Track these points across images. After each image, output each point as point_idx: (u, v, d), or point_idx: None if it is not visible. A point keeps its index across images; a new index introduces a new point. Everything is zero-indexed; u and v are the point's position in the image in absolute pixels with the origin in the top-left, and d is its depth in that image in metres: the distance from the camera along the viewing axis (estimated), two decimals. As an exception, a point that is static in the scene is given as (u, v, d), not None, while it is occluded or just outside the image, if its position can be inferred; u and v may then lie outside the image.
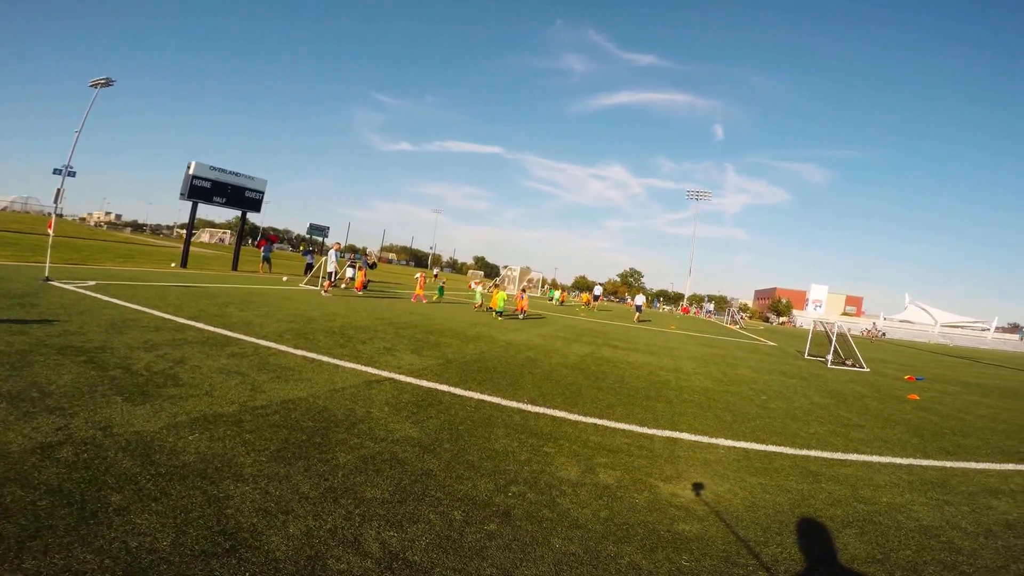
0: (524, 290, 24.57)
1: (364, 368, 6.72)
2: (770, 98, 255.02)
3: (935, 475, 5.17)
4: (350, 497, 3.13)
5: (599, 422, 5.63)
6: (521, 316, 19.04)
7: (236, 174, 25.21)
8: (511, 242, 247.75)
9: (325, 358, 7.01)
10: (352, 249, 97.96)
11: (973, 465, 5.68)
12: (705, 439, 5.50)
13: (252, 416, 4.34)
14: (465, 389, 6.29)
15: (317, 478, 3.33)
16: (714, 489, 4.05)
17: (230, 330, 8.19)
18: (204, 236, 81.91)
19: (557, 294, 44.33)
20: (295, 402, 4.89)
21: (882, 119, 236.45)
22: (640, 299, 32.40)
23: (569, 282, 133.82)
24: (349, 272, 21.74)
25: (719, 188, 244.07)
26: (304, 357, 6.91)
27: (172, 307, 9.89)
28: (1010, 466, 5.77)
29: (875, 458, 5.51)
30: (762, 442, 5.65)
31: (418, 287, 21.71)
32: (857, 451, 5.71)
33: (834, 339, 15.86)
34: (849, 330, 19.12)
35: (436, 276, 22.69)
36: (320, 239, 53.16)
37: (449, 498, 3.30)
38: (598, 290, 40.64)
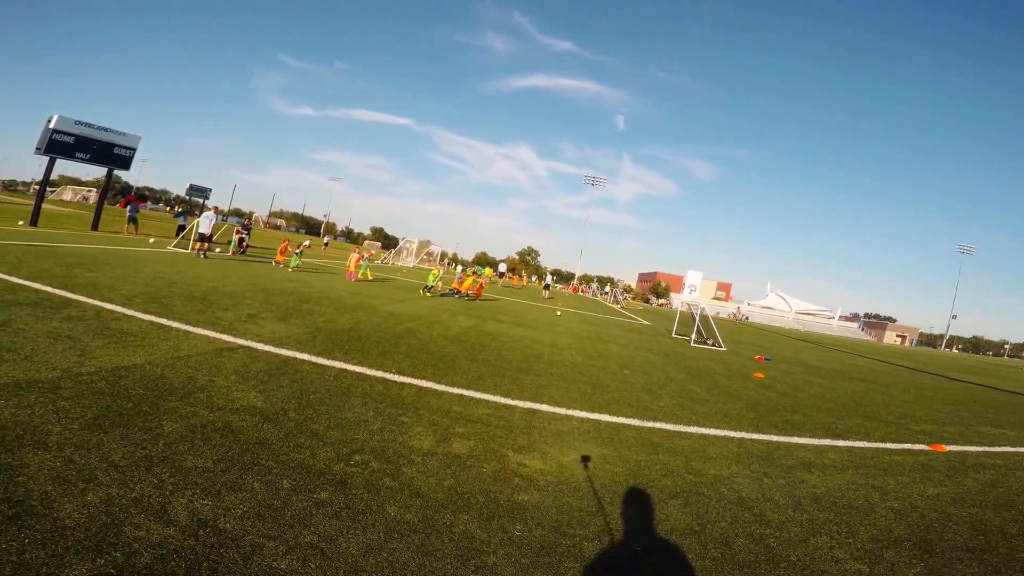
0: (475, 272, 24.61)
1: (219, 335, 6.30)
2: (671, 94, 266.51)
3: (761, 448, 5.48)
4: (167, 466, 2.94)
5: (466, 393, 5.65)
6: (464, 298, 19.29)
7: (105, 129, 22.65)
8: (413, 215, 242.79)
9: (176, 324, 6.50)
10: (237, 213, 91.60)
11: (796, 440, 6.06)
12: (563, 411, 5.66)
13: (73, 383, 3.95)
14: (328, 358, 6.08)
15: (133, 447, 3.10)
16: (559, 459, 4.16)
17: (72, 292, 7.41)
18: (67, 194, 72.73)
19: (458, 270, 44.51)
20: (128, 369, 4.50)
21: (763, 123, 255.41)
22: (548, 279, 39.75)
23: (470, 258, 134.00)
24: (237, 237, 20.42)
25: (615, 176, 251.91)
26: (152, 323, 6.37)
27: (8, 266, 8.82)
28: (826, 441, 6.20)
29: (712, 431, 5.88)
30: (614, 414, 5.90)
31: (279, 254, 20.26)
32: (698, 424, 6.08)
33: (697, 320, 17.13)
34: (717, 313, 20.81)
35: (308, 245, 21.64)
36: (201, 200, 49.27)
37: (281, 467, 3.18)
38: (502, 267, 43.87)
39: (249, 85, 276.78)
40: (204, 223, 18.45)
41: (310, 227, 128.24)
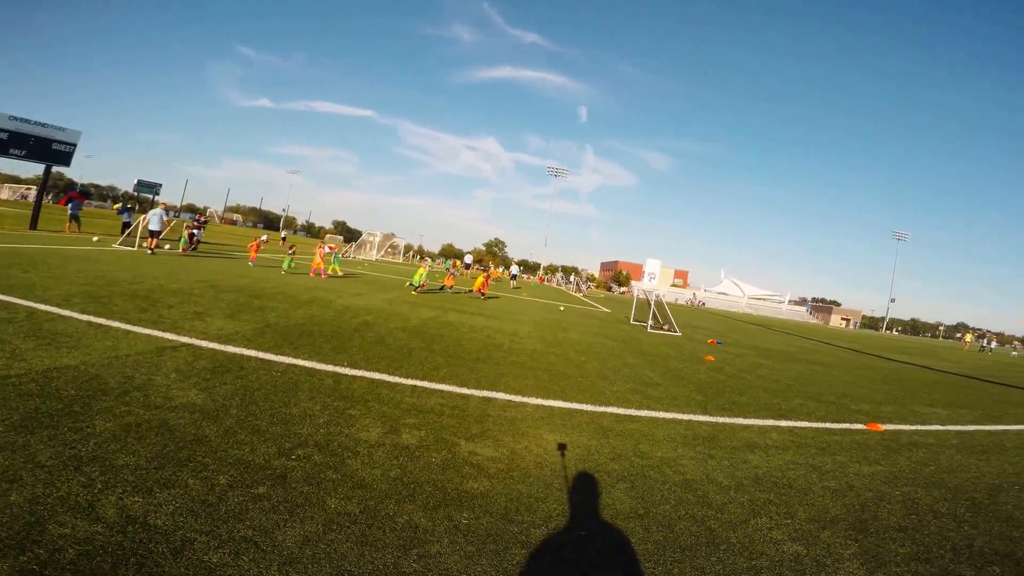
0: (482, 269, 24.66)
1: (161, 334, 6.10)
2: (633, 88, 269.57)
3: (708, 430, 5.59)
4: (97, 465, 2.88)
5: (420, 384, 5.63)
6: (481, 297, 19.22)
7: (43, 125, 21.58)
8: (377, 208, 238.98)
9: (116, 323, 6.26)
10: (191, 209, 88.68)
11: (741, 421, 6.20)
12: (518, 398, 5.70)
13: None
14: (277, 354, 5.97)
15: (62, 447, 3.01)
16: (512, 447, 4.19)
17: (3, 294, 7.05)
18: (3, 192, 68.98)
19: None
20: (61, 370, 4.32)
21: (715, 118, 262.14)
22: (515, 268, 42.06)
23: (436, 250, 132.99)
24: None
25: (578, 167, 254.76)
26: (90, 323, 6.12)
27: (-71, 267, 8.28)
28: (770, 422, 6.36)
29: (662, 414, 5.99)
30: (569, 400, 5.97)
31: (252, 251, 19.57)
32: (649, 408, 6.19)
33: (653, 306, 17.47)
34: (676, 300, 21.32)
35: (266, 240, 21.08)
36: (151, 196, 47.51)
37: (218, 463, 3.13)
38: (468, 259, 44.40)
39: (202, 77, 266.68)
40: (153, 220, 18.06)
41: (268, 221, 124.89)
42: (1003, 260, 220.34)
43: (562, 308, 22.05)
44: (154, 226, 17.96)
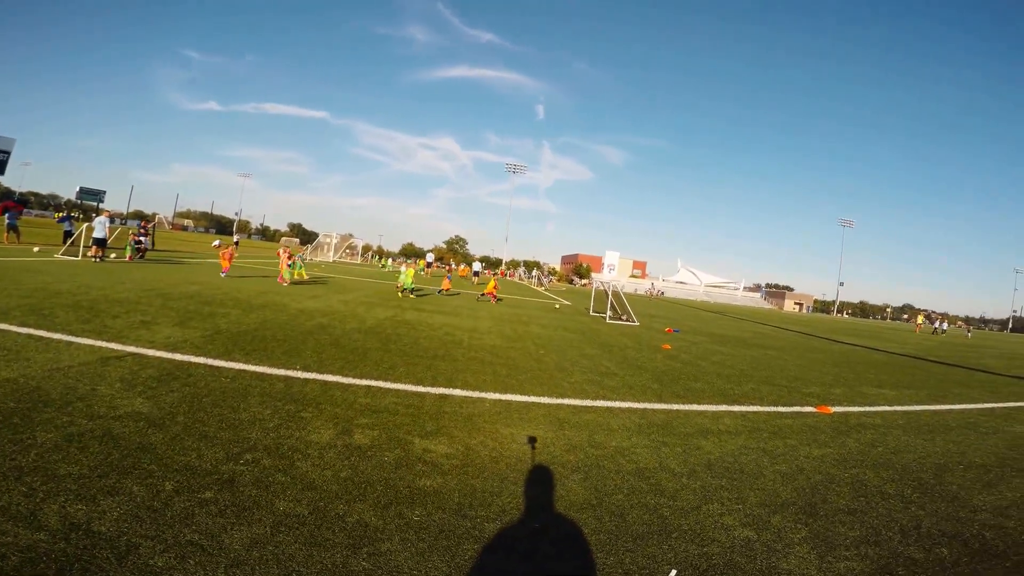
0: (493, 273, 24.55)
1: (105, 344, 5.90)
2: (587, 85, 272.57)
3: (662, 418, 5.66)
4: (38, 475, 2.83)
5: (375, 384, 5.59)
6: (494, 301, 19.09)
7: None
8: (333, 209, 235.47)
9: (57, 335, 6.03)
10: (139, 215, 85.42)
11: (695, 407, 6.30)
12: (475, 394, 5.71)
13: (-68, 404, 3.63)
14: (227, 360, 5.84)
15: (2, 459, 2.96)
16: (467, 442, 4.19)
17: (-67, 308, 6.69)
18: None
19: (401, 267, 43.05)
20: (-3, 384, 4.16)
21: (669, 113, 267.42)
22: (477, 265, 42.49)
23: (396, 249, 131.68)
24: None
25: (536, 163, 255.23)
26: (29, 335, 5.87)
27: None
28: (723, 407, 6.46)
29: (618, 403, 6.07)
30: (526, 393, 6.00)
31: (224, 260, 17.80)
32: (605, 398, 6.27)
33: (610, 297, 17.75)
34: (635, 290, 21.69)
35: (218, 245, 20.42)
36: (95, 204, 45.65)
37: (164, 470, 3.08)
38: (430, 257, 45.54)
39: (146, 80, 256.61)
40: (98, 228, 17.49)
41: (221, 226, 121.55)
42: (943, 244, 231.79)
43: (557, 306, 22.42)
44: (99, 234, 17.38)
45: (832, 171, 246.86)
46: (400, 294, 17.37)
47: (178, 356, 5.78)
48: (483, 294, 20.34)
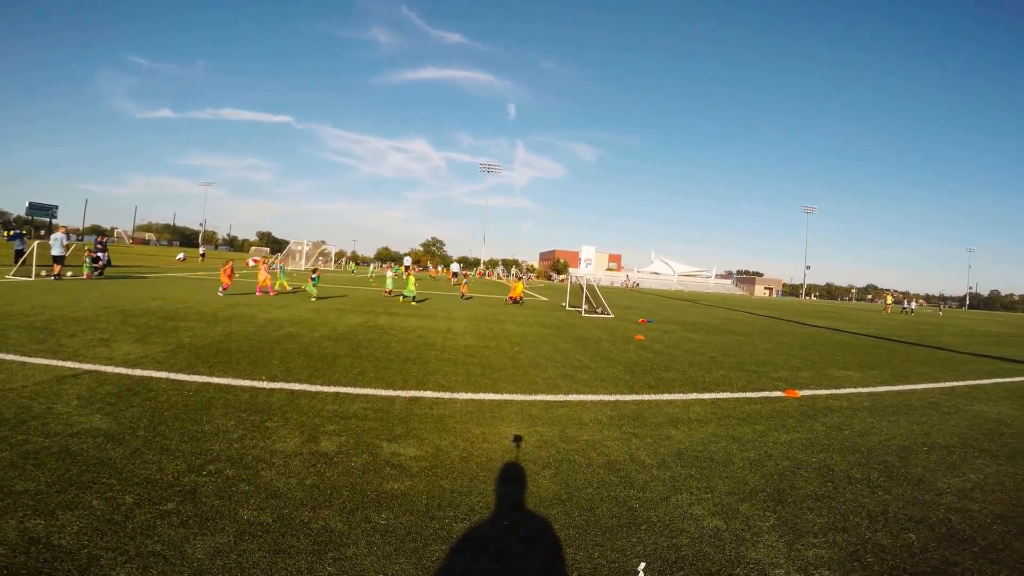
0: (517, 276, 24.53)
1: (61, 363, 5.74)
2: (558, 83, 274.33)
3: (633, 409, 5.68)
4: (-6, 493, 2.76)
5: (343, 390, 5.52)
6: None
7: None
8: (303, 216, 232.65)
9: (10, 356, 5.86)
10: (96, 230, 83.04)
11: (666, 397, 6.33)
12: (447, 395, 5.67)
13: None
14: (190, 374, 5.72)
15: (-44, 479, 2.87)
16: (437, 444, 4.15)
17: None
18: None
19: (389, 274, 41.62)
20: (-53, 407, 4.02)
21: (636, 109, 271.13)
22: (455, 267, 43.90)
23: (371, 254, 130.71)
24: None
25: (510, 162, 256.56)
26: (-21, 358, 5.69)
27: None
28: (693, 395, 6.52)
29: (590, 397, 6.10)
30: (499, 392, 5.98)
31: (224, 276, 16.48)
32: (578, 392, 6.29)
33: (585, 291, 17.90)
34: (612, 283, 21.91)
35: (183, 258, 19.95)
36: (47, 219, 44.21)
37: (124, 484, 3.05)
38: (407, 260, 46.87)
39: (91, 89, 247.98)
40: (55, 245, 17.08)
41: (185, 238, 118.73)
42: (903, 226, 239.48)
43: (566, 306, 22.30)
44: (56, 251, 16.93)
45: (795, 160, 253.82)
46: (400, 299, 17.22)
47: (138, 372, 5.65)
48: (509, 298, 20.42)
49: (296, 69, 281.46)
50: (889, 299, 46.45)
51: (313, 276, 17.14)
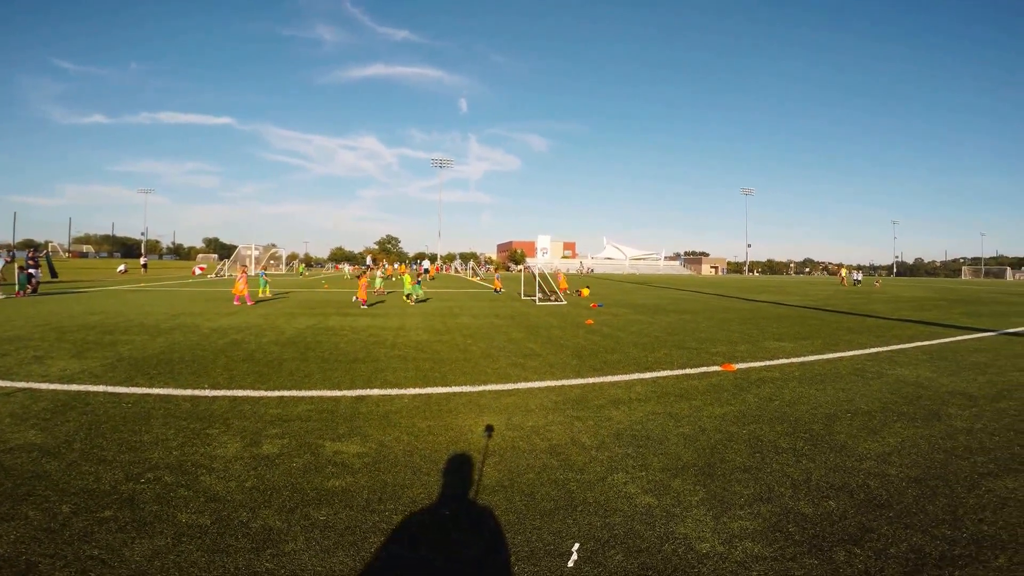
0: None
1: (-8, 383, 5.59)
2: (506, 76, 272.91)
3: (578, 392, 5.82)
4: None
5: (287, 394, 5.53)
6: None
7: None
8: (252, 219, 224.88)
9: (-64, 381, 5.65)
10: (29, 245, 78.74)
11: (610, 379, 6.48)
12: (395, 391, 5.71)
13: None
14: (128, 386, 5.65)
15: None
16: (380, 439, 4.21)
17: None
18: None
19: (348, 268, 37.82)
20: None
21: (587, 98, 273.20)
22: (427, 263, 45.16)
23: (324, 255, 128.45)
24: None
25: (464, 156, 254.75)
26: (-100, 385, 5.47)
27: None
28: (636, 375, 6.67)
29: (537, 383, 6.23)
30: (448, 385, 6.07)
31: (236, 288, 16.69)
32: (526, 379, 6.41)
33: (538, 280, 18.21)
34: (568, 270, 22.25)
35: (124, 270, 19.23)
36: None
37: (60, 494, 3.10)
38: (371, 260, 46.22)
39: (12, 95, 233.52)
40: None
41: (127, 248, 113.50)
42: (833, 201, 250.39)
43: (475, 278, 22.21)
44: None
45: (733, 143, 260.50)
46: (410, 301, 17.19)
47: (74, 387, 5.57)
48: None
49: (237, 69, 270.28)
50: (844, 271, 47.55)
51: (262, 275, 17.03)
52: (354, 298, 17.52)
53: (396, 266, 60.73)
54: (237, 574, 2.42)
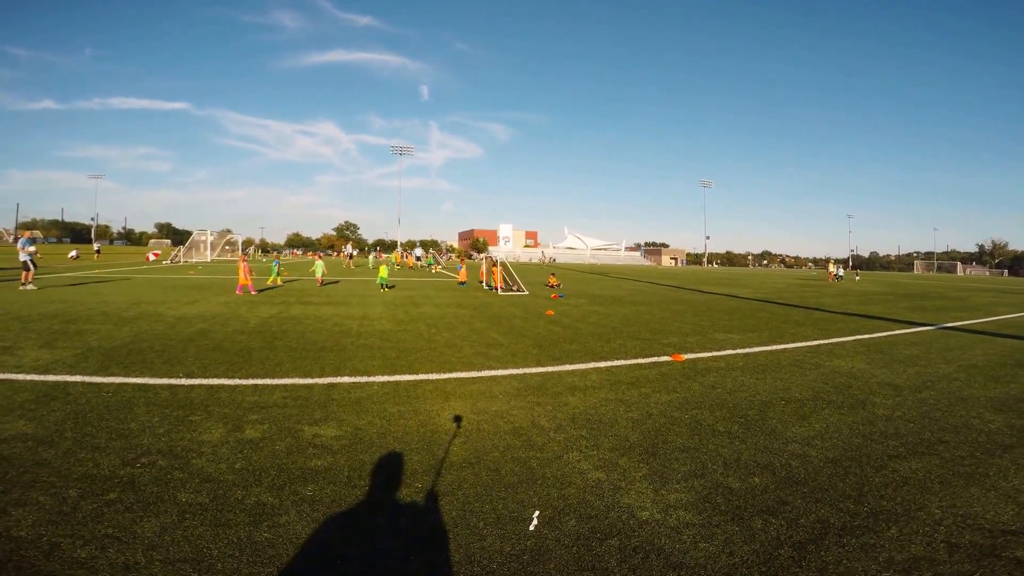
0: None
1: (-35, 375, 5.64)
2: (470, 65, 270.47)
3: (538, 380, 6.18)
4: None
5: (261, 382, 5.75)
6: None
7: None
8: (206, 205, 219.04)
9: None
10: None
11: (567, 367, 6.86)
12: (364, 379, 6.00)
13: None
14: (105, 376, 5.79)
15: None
16: (355, 423, 4.53)
17: None
18: None
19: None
20: None
21: (549, 89, 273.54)
22: (418, 251, 44.95)
23: (281, 241, 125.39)
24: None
25: (425, 144, 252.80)
26: None
27: None
28: (591, 364, 7.08)
29: (500, 372, 6.59)
30: (415, 372, 6.39)
31: (243, 276, 16.31)
32: (490, 367, 6.78)
33: (499, 270, 18.57)
34: (531, 259, 22.64)
35: (76, 256, 18.54)
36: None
37: (64, 480, 3.30)
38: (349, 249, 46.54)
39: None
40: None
41: (76, 234, 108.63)
42: (790, 196, 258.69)
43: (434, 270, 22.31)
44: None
45: (692, 138, 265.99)
46: (386, 291, 17.66)
47: (51, 377, 5.68)
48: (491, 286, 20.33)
49: (194, 54, 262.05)
50: (831, 266, 44.79)
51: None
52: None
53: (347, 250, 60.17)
54: (240, 544, 2.72)
